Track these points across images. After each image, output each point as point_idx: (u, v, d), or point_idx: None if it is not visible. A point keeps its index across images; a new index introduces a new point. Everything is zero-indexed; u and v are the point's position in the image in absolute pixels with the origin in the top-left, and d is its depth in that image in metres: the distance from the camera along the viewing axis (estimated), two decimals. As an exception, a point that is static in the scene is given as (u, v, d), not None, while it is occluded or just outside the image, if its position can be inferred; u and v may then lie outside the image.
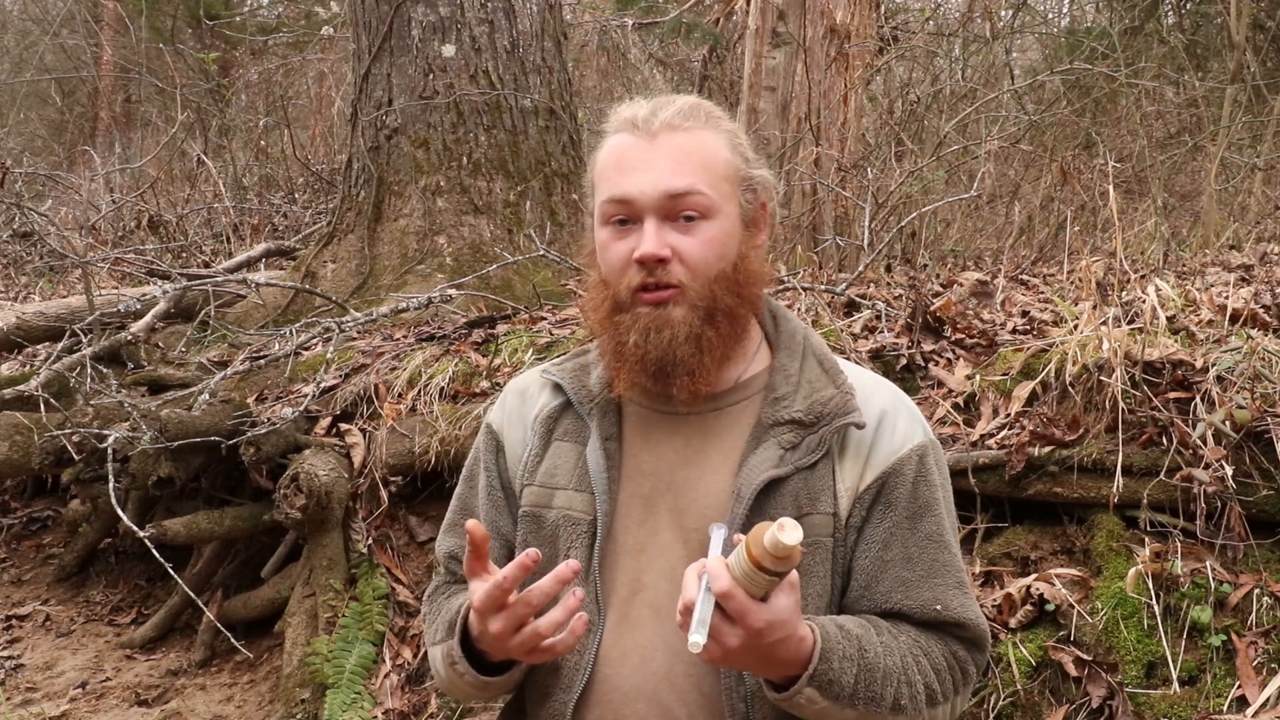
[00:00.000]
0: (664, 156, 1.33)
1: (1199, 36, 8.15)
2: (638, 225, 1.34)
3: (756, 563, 1.14)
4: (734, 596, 1.15)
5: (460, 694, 1.47)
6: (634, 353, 1.34)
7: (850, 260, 4.80)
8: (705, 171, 1.34)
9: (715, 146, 1.37)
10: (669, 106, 1.37)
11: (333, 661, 3.20)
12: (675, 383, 1.35)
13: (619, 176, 1.35)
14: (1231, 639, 2.25)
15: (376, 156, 4.87)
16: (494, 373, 3.55)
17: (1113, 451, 2.50)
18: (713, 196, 1.34)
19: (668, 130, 1.35)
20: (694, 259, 1.33)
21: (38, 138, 13.13)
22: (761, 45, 6.24)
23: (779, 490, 1.34)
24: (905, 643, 1.33)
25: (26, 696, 3.53)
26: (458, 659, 1.36)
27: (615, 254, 1.36)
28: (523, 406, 1.52)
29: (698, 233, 1.33)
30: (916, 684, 1.31)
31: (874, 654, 1.28)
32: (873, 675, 1.27)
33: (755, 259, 1.40)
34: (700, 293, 1.34)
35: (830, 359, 1.45)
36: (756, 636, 1.17)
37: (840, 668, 1.25)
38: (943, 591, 1.35)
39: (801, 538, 1.12)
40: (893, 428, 1.39)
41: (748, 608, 1.16)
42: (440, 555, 1.57)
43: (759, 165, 1.42)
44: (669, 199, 1.32)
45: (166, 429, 3.40)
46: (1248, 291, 3.16)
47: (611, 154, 1.38)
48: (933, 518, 1.38)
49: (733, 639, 1.17)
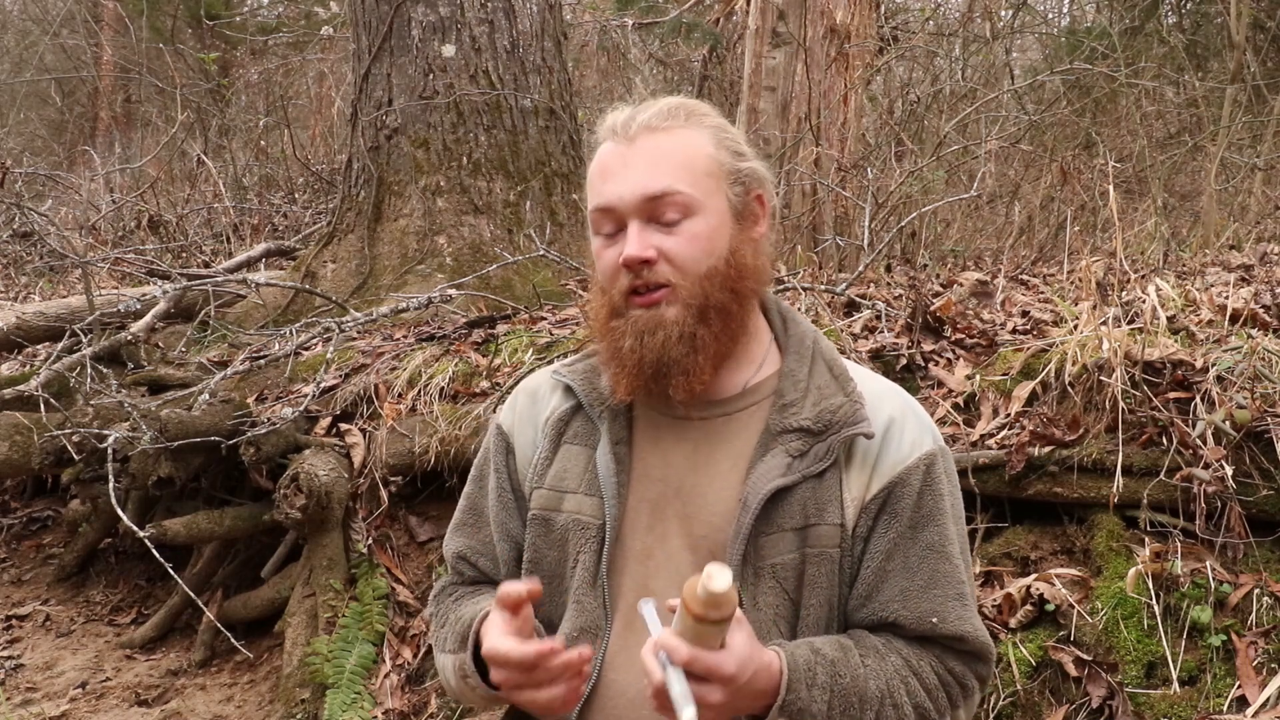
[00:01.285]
0: (640, 160, 1.33)
1: (1199, 36, 8.15)
2: (624, 231, 1.34)
3: (700, 618, 1.14)
4: (698, 658, 1.15)
5: (471, 704, 1.48)
6: (630, 357, 1.34)
7: (850, 260, 4.80)
8: (684, 170, 1.33)
9: (696, 143, 1.35)
10: (648, 109, 1.36)
11: (333, 661, 3.20)
12: (671, 383, 1.34)
13: (601, 185, 1.35)
14: (1231, 639, 2.25)
15: (376, 156, 4.87)
16: (494, 373, 3.55)
17: (1113, 451, 2.50)
18: (693, 194, 1.33)
19: (645, 133, 1.34)
20: (680, 257, 1.32)
21: (38, 138, 13.13)
22: (761, 45, 6.24)
23: (786, 499, 1.33)
24: (894, 664, 1.32)
25: (26, 696, 3.53)
26: (469, 673, 1.37)
27: (605, 261, 1.36)
28: (533, 408, 1.51)
29: (682, 231, 1.33)
30: (904, 705, 1.30)
31: (850, 678, 1.27)
32: (849, 700, 1.26)
33: (749, 253, 1.38)
34: (692, 290, 1.33)
35: (840, 365, 1.44)
36: (734, 681, 1.18)
37: (810, 695, 1.24)
38: (941, 603, 1.34)
39: (730, 580, 1.12)
40: (900, 436, 1.38)
41: (714, 663, 1.16)
42: (449, 555, 1.56)
43: (751, 158, 1.41)
44: (648, 201, 1.32)
45: (166, 429, 3.40)
46: (1248, 291, 3.16)
47: (597, 163, 1.38)
48: (935, 527, 1.36)
49: (716, 695, 1.18)
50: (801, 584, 1.34)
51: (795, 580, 1.33)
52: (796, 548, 1.33)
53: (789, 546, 1.33)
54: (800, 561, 1.33)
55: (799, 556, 1.33)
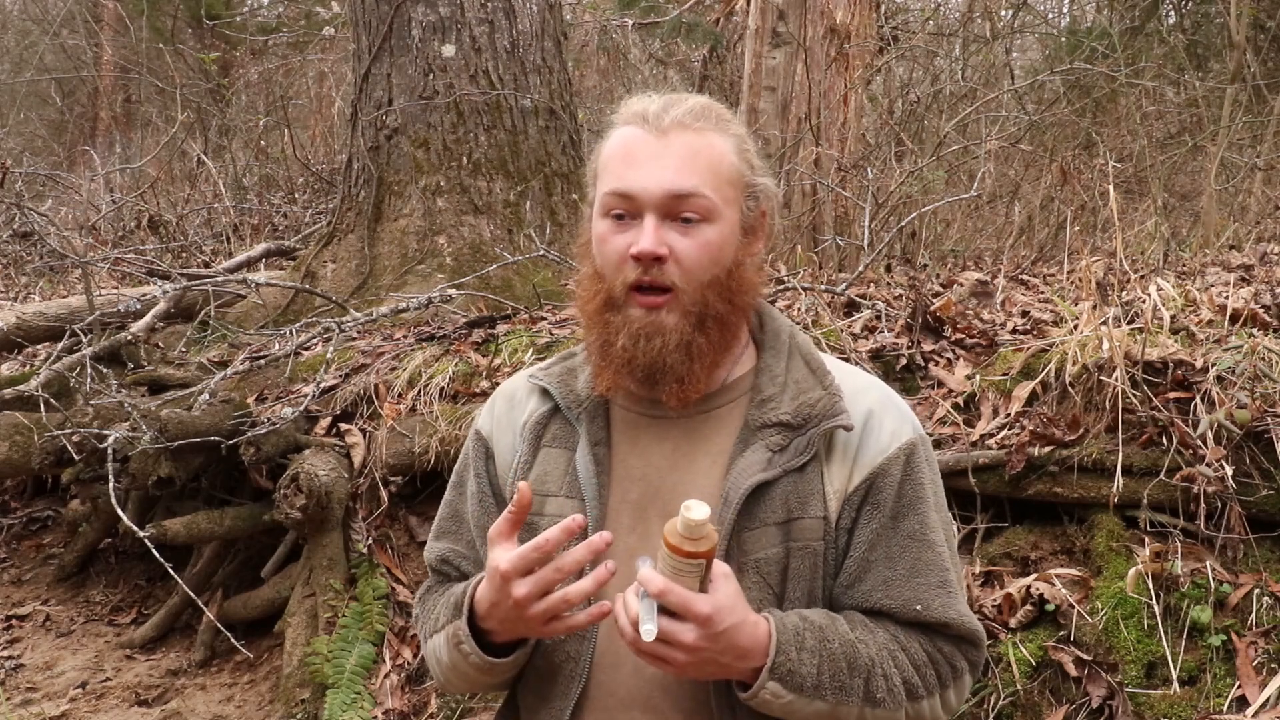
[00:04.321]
0: (672, 155, 1.32)
1: (1199, 36, 8.15)
2: (637, 221, 1.33)
3: (676, 550, 1.15)
4: (671, 589, 1.17)
5: (462, 681, 1.43)
6: (621, 355, 1.34)
7: (850, 260, 4.80)
8: (711, 174, 1.33)
9: (723, 150, 1.35)
10: (681, 104, 1.35)
11: (333, 661, 3.20)
12: (664, 389, 1.35)
13: (624, 169, 1.34)
14: (1231, 639, 2.25)
15: (376, 156, 4.87)
16: (494, 373, 3.55)
17: (1113, 451, 2.50)
18: (715, 200, 1.33)
19: (678, 128, 1.33)
20: (690, 261, 1.32)
21: (38, 138, 13.13)
22: (761, 45, 6.23)
23: (768, 493, 1.33)
24: (882, 637, 1.33)
25: (26, 696, 3.53)
26: (464, 638, 1.34)
27: (612, 247, 1.34)
28: (511, 412, 1.51)
29: (696, 235, 1.32)
30: (893, 677, 1.30)
31: (839, 644, 1.28)
32: (838, 665, 1.27)
33: (750, 267, 1.39)
34: (693, 297, 1.33)
35: (817, 358, 1.44)
36: (707, 624, 1.18)
37: (800, 658, 1.25)
38: (924, 591, 1.34)
39: (708, 512, 1.14)
40: (880, 427, 1.38)
41: (688, 598, 1.17)
42: (432, 559, 1.55)
43: (764, 173, 1.41)
44: (672, 198, 1.31)
45: (166, 429, 3.40)
46: (1248, 291, 3.16)
47: (619, 146, 1.36)
48: (916, 516, 1.36)
49: (687, 635, 1.18)
50: (785, 578, 1.34)
51: (779, 574, 1.34)
52: (780, 542, 1.33)
53: (772, 541, 1.33)
54: (784, 555, 1.34)
55: (783, 551, 1.33)
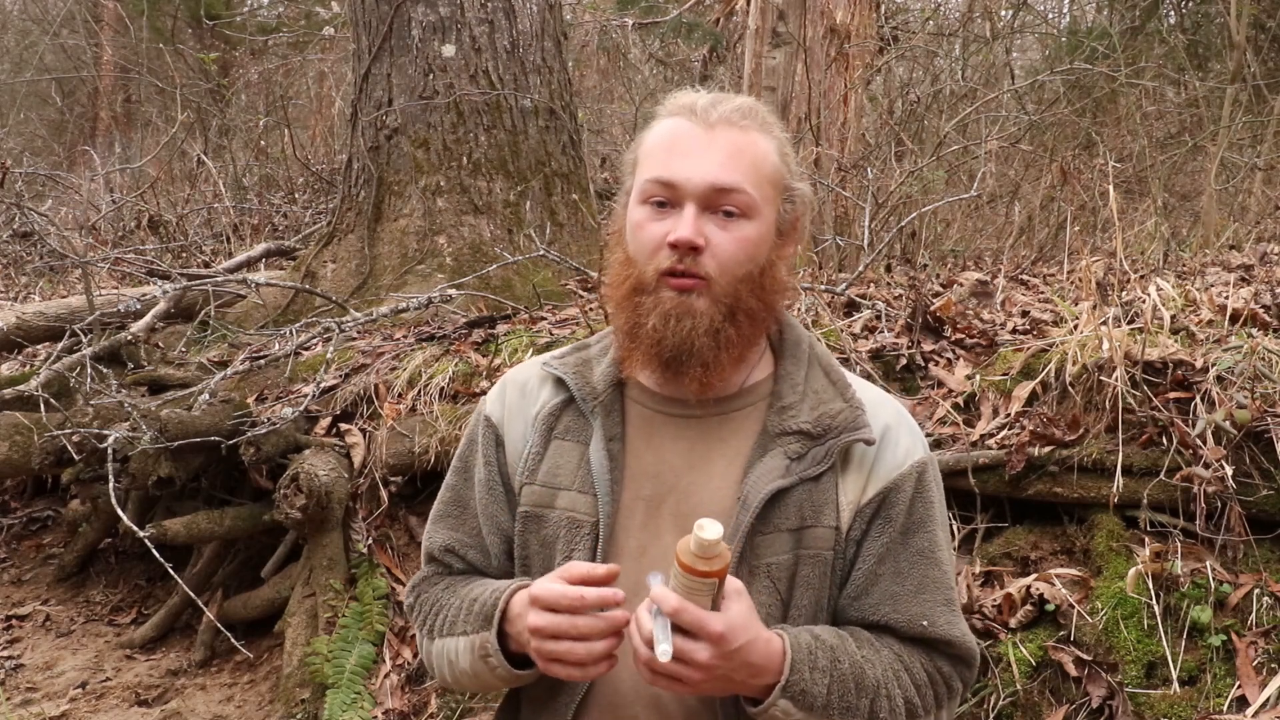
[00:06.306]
0: (718, 149, 1.33)
1: (1199, 36, 8.15)
2: (676, 210, 1.33)
3: (690, 569, 1.15)
4: (685, 608, 1.16)
5: (475, 684, 1.42)
6: (651, 335, 1.34)
7: (850, 260, 4.80)
8: (753, 172, 1.34)
9: (766, 150, 1.37)
10: (729, 102, 1.38)
11: (333, 661, 3.20)
12: (688, 373, 1.35)
13: (668, 158, 1.35)
14: (1231, 639, 2.25)
15: (376, 156, 4.87)
16: (494, 373, 3.55)
17: (1113, 451, 2.50)
18: (755, 197, 1.34)
19: (725, 124, 1.35)
20: (725, 255, 1.33)
21: (38, 138, 13.13)
22: (761, 45, 6.23)
23: (783, 500, 1.34)
24: (887, 657, 1.34)
25: (26, 696, 3.53)
26: (492, 652, 1.34)
27: (648, 234, 1.35)
28: (522, 401, 1.50)
29: (734, 230, 1.33)
30: (896, 698, 1.31)
31: (849, 664, 1.29)
32: (846, 686, 1.28)
33: (782, 268, 1.41)
34: (725, 289, 1.33)
35: (837, 370, 1.45)
36: (721, 642, 1.18)
37: (813, 678, 1.26)
38: (930, 608, 1.36)
39: (722, 532, 1.13)
40: (896, 443, 1.40)
41: (703, 617, 1.17)
42: (434, 548, 1.53)
43: (801, 179, 1.43)
44: (715, 191, 1.32)
45: (166, 429, 3.40)
46: (1248, 291, 3.16)
47: (665, 135, 1.37)
48: (926, 534, 1.38)
49: (701, 654, 1.18)
50: (793, 584, 1.35)
51: (788, 580, 1.35)
52: (791, 548, 1.34)
53: (784, 547, 1.34)
54: (794, 562, 1.34)
55: (793, 557, 1.34)
